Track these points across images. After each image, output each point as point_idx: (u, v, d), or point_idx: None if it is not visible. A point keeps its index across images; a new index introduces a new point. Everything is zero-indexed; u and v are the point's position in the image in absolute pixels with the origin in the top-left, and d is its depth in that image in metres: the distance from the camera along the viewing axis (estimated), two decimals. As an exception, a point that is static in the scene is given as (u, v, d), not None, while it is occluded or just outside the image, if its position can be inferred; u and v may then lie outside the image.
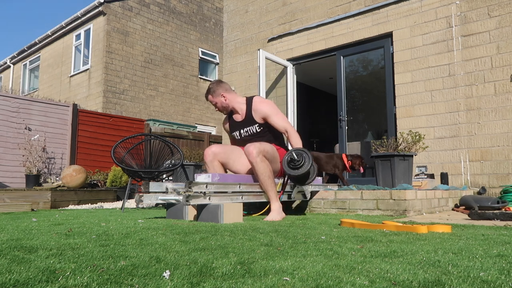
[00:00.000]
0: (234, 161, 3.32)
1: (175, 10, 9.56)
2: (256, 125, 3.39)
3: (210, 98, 3.49)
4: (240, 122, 3.48)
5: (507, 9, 5.28)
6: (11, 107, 7.10)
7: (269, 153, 3.15)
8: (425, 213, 3.53)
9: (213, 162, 3.25)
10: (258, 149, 3.04)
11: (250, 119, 3.41)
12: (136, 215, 3.51)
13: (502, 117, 5.21)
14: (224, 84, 3.55)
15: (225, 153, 3.30)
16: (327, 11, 7.21)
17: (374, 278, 1.08)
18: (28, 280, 1.03)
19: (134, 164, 4.70)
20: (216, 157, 3.26)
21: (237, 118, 3.51)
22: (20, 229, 2.23)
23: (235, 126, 3.53)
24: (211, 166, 3.25)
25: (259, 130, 3.39)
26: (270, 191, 3.08)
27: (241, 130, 3.48)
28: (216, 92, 3.49)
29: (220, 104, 3.48)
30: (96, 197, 6.15)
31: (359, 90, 7.02)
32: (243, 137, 3.47)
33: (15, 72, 12.99)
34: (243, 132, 3.46)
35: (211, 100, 3.51)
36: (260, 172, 3.03)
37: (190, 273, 1.13)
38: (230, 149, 3.36)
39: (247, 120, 3.43)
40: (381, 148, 4.14)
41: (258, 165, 3.02)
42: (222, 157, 3.28)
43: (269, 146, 3.20)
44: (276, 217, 2.96)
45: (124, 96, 8.55)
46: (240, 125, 3.48)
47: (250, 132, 3.41)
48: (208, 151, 3.28)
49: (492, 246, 1.63)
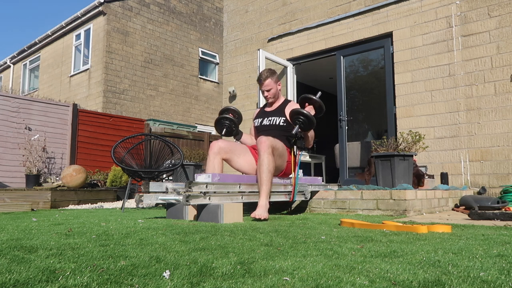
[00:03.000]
0: (238, 157, 3.34)
1: (175, 10, 9.55)
2: (283, 119, 3.46)
3: (269, 81, 3.50)
4: (269, 112, 3.58)
5: (507, 9, 5.28)
6: (11, 107, 7.10)
7: (278, 150, 3.18)
8: (425, 213, 3.53)
9: (216, 156, 3.24)
10: (270, 141, 3.07)
11: (280, 111, 3.50)
12: (136, 215, 3.51)
13: (502, 117, 5.21)
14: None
15: (230, 149, 3.32)
16: (327, 11, 7.21)
17: (374, 278, 1.08)
18: (28, 280, 1.03)
19: (134, 164, 4.70)
20: (221, 152, 3.26)
21: (268, 109, 3.63)
22: (20, 229, 2.23)
23: (262, 114, 3.63)
24: (212, 159, 3.23)
25: (281, 124, 3.45)
26: (264, 185, 3.02)
27: (265, 119, 3.56)
28: (275, 79, 3.57)
29: (275, 90, 3.56)
30: (96, 197, 6.15)
31: (359, 90, 7.01)
32: (262, 125, 3.55)
33: (15, 72, 12.99)
34: (265, 121, 3.53)
35: (268, 84, 3.51)
36: (264, 163, 3.01)
37: (190, 273, 1.13)
38: (235, 146, 3.38)
39: (277, 111, 3.54)
40: (381, 148, 4.14)
41: (264, 156, 3.01)
42: (226, 153, 3.29)
43: (280, 144, 3.24)
44: (263, 214, 2.88)
45: (124, 96, 8.55)
46: (268, 114, 3.57)
47: (273, 122, 3.48)
48: (215, 144, 3.27)
49: (492, 246, 1.63)
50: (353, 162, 6.62)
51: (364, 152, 6.40)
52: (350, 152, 6.65)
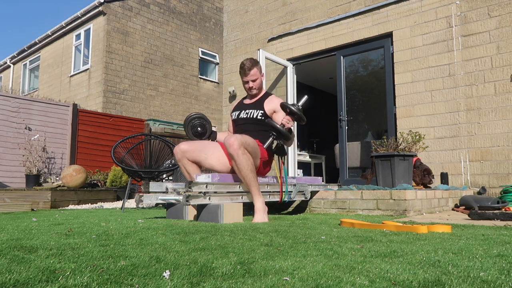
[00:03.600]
0: (207, 155, 3.06)
1: (175, 10, 9.55)
2: (261, 112, 3.23)
3: (254, 71, 3.27)
4: (247, 105, 3.37)
5: (507, 9, 5.28)
6: (11, 107, 7.10)
7: (250, 146, 2.89)
8: (425, 213, 3.53)
9: (182, 161, 3.04)
10: (239, 140, 2.76)
11: (259, 104, 3.29)
12: (136, 215, 3.51)
13: (502, 117, 5.21)
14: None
15: (194, 150, 3.05)
16: (327, 11, 7.21)
17: (374, 278, 1.08)
18: (28, 280, 1.03)
19: (134, 164, 4.70)
20: (185, 155, 3.04)
21: (247, 101, 3.42)
22: (20, 229, 2.23)
23: (240, 107, 3.42)
24: (182, 166, 3.06)
25: (259, 117, 3.22)
26: (253, 186, 2.83)
27: (242, 111, 3.34)
28: (259, 68, 3.35)
29: (259, 81, 3.33)
30: (96, 197, 6.15)
31: (359, 90, 7.01)
32: (239, 118, 3.35)
33: (15, 72, 12.99)
34: (243, 114, 3.32)
35: (254, 74, 3.27)
36: (242, 166, 2.76)
37: (190, 273, 1.13)
38: (202, 145, 3.13)
39: (255, 104, 3.32)
40: (381, 148, 4.14)
41: (239, 158, 2.74)
42: (193, 153, 3.05)
43: (251, 140, 2.94)
44: (264, 218, 2.76)
45: (124, 96, 8.55)
46: (246, 107, 3.36)
47: (250, 115, 3.27)
48: (177, 148, 3.05)
49: (492, 246, 1.63)
50: (353, 162, 6.62)
51: (364, 152, 6.40)
52: (350, 152, 6.65)
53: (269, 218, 2.94)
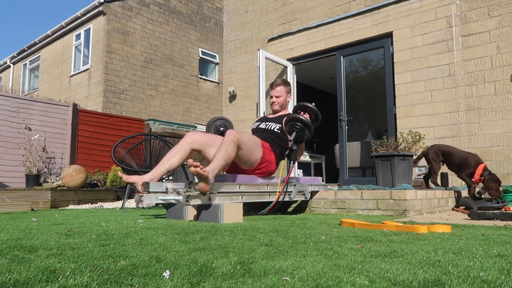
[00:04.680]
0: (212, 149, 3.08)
1: (175, 10, 9.55)
2: (279, 126, 3.43)
3: (280, 88, 3.55)
4: (269, 118, 3.61)
5: (507, 9, 5.28)
6: (11, 107, 7.10)
7: (246, 144, 3.00)
8: (425, 213, 3.53)
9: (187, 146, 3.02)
10: (235, 134, 2.91)
11: (279, 120, 3.49)
12: (136, 215, 3.51)
13: (502, 117, 5.21)
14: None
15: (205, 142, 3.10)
16: (327, 11, 7.21)
17: (374, 278, 1.08)
18: (28, 280, 1.03)
19: (134, 164, 4.70)
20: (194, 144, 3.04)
21: (270, 116, 3.67)
22: (20, 229, 2.23)
23: (262, 119, 3.66)
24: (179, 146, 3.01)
25: (276, 130, 3.43)
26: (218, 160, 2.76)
27: (262, 123, 3.57)
28: (287, 89, 3.61)
29: (284, 99, 3.60)
30: (96, 197, 6.15)
31: (359, 90, 7.01)
32: (258, 127, 3.56)
33: (15, 72, 12.98)
34: (262, 125, 3.54)
35: (280, 91, 3.57)
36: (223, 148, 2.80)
37: (190, 273, 1.13)
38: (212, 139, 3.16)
39: (276, 119, 3.54)
40: (381, 148, 4.14)
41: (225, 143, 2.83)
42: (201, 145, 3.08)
43: (251, 139, 3.06)
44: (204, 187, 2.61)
45: (124, 96, 8.55)
46: (267, 120, 3.59)
47: (268, 127, 3.47)
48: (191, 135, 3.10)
49: (492, 246, 1.63)
50: (353, 162, 6.62)
51: (364, 152, 6.40)
52: (350, 152, 6.65)
53: (269, 218, 2.95)
